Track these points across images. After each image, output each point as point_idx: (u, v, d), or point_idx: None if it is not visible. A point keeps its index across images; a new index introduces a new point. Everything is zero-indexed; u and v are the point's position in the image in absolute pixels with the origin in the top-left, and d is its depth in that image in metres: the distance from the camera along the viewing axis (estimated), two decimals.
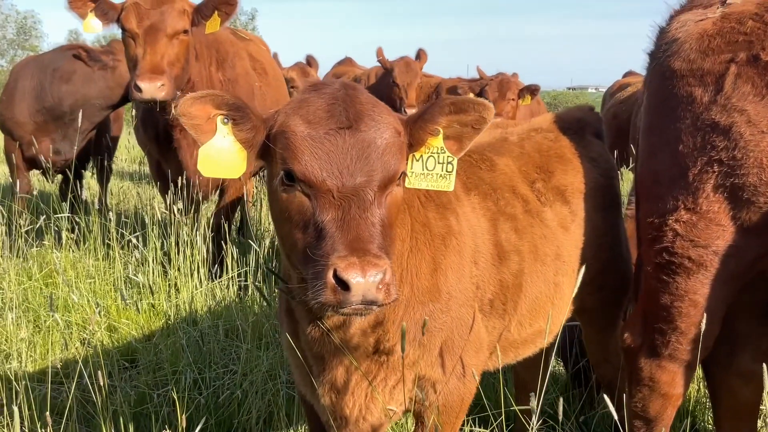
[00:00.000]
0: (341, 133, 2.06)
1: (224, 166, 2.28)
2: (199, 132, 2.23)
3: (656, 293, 2.83)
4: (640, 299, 3.06)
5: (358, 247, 1.93)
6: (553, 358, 3.67)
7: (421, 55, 9.86)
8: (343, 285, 1.89)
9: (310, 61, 12.32)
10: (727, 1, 2.72)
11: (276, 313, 4.63)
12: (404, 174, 2.20)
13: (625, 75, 10.87)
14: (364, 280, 1.88)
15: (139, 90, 5.10)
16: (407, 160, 2.29)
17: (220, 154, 2.26)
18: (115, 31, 5.88)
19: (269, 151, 2.21)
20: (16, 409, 2.90)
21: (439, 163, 2.29)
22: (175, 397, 3.21)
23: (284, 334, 2.57)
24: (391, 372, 2.45)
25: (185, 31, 5.37)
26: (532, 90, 8.88)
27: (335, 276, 1.89)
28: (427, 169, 2.30)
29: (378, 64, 9.87)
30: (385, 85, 9.55)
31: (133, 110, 6.84)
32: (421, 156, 2.30)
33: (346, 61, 12.03)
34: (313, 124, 2.08)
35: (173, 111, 5.60)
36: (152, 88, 5.09)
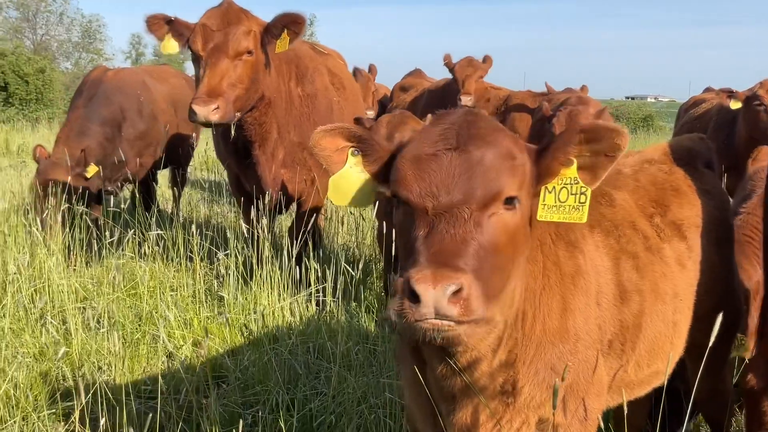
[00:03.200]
0: (446, 154, 2.05)
1: (353, 196, 2.37)
2: (329, 162, 2.33)
3: None
4: (765, 340, 2.94)
5: (437, 259, 1.89)
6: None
7: (486, 59, 9.83)
8: (414, 296, 1.83)
9: (356, 74, 12.27)
10: None
11: (393, 346, 4.61)
12: (516, 199, 2.09)
13: (705, 91, 10.60)
14: (434, 291, 1.81)
15: (193, 113, 5.15)
16: (537, 191, 2.22)
17: (349, 184, 2.35)
18: None
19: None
20: None
21: (572, 194, 2.21)
22: (282, 425, 3.20)
23: (407, 371, 2.54)
24: (516, 414, 2.39)
25: (249, 52, 5.40)
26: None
27: (408, 287, 1.84)
28: (560, 201, 2.22)
29: (446, 73, 9.85)
30: (450, 87, 9.49)
31: None
32: (554, 187, 2.23)
33: (416, 73, 11.98)
34: (422, 146, 2.11)
35: (233, 132, 5.72)
36: (205, 112, 5.13)
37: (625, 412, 2.72)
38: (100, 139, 7.55)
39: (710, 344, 2.43)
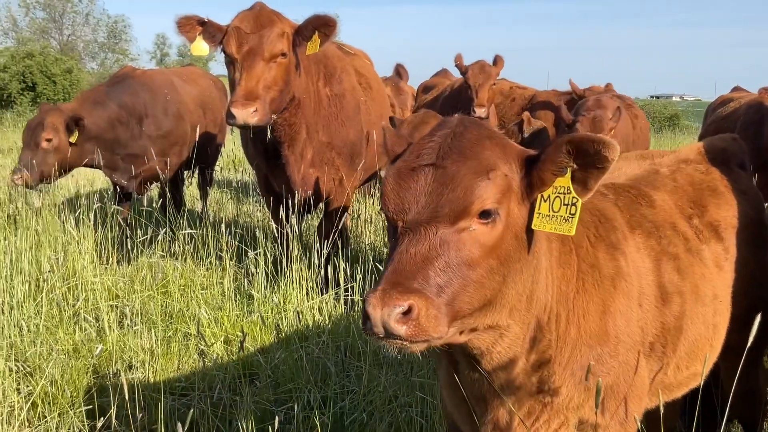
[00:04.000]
0: (423, 169, 2.08)
1: None
2: None
3: None
4: None
5: (390, 279, 1.94)
6: None
7: (497, 60, 9.72)
8: (366, 314, 1.91)
9: (401, 72, 12.28)
10: None
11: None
12: (495, 212, 2.07)
13: (733, 90, 10.49)
14: (380, 312, 1.88)
15: (232, 116, 5.17)
16: (534, 199, 2.19)
17: None
18: None
19: None
20: None
21: (564, 204, 2.16)
22: (317, 422, 3.23)
23: (443, 372, 2.56)
24: (555, 415, 2.41)
25: (283, 54, 5.42)
26: None
27: (363, 306, 1.93)
28: (553, 211, 2.17)
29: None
30: (464, 90, 9.45)
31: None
32: (549, 196, 2.19)
33: (442, 73, 11.95)
34: (406, 162, 2.15)
35: (269, 134, 5.76)
36: (244, 114, 5.15)
37: (662, 413, 2.72)
38: (113, 116, 7.53)
39: (748, 346, 2.41)
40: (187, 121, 8.29)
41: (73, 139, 7.18)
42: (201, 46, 5.62)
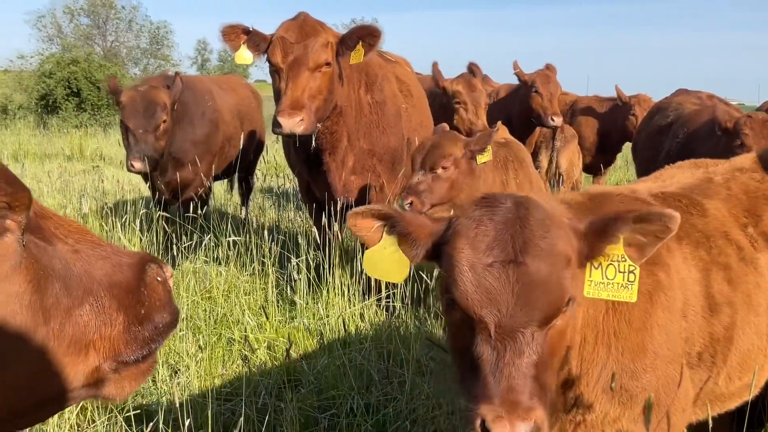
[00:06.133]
0: (505, 267, 2.00)
1: (386, 270, 2.36)
2: (367, 240, 2.33)
3: None
4: None
5: (508, 398, 1.91)
6: None
7: (551, 68, 9.76)
8: None
9: (474, 71, 12.28)
10: None
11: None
12: (572, 299, 2.06)
13: None
14: None
15: (279, 126, 5.24)
16: (586, 268, 2.18)
17: (383, 260, 2.34)
18: None
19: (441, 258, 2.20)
20: None
21: (620, 272, 2.13)
22: (362, 431, 3.23)
23: None
24: (591, 430, 2.42)
25: (328, 64, 5.47)
26: None
27: (483, 426, 1.90)
28: (607, 278, 2.15)
29: (506, 79, 9.81)
30: (520, 98, 9.47)
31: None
32: (600, 264, 2.16)
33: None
34: (477, 252, 2.04)
35: (313, 142, 5.80)
36: (291, 124, 5.22)
37: (710, 425, 2.69)
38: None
39: None
40: (221, 131, 8.23)
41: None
42: (245, 55, 5.69)
